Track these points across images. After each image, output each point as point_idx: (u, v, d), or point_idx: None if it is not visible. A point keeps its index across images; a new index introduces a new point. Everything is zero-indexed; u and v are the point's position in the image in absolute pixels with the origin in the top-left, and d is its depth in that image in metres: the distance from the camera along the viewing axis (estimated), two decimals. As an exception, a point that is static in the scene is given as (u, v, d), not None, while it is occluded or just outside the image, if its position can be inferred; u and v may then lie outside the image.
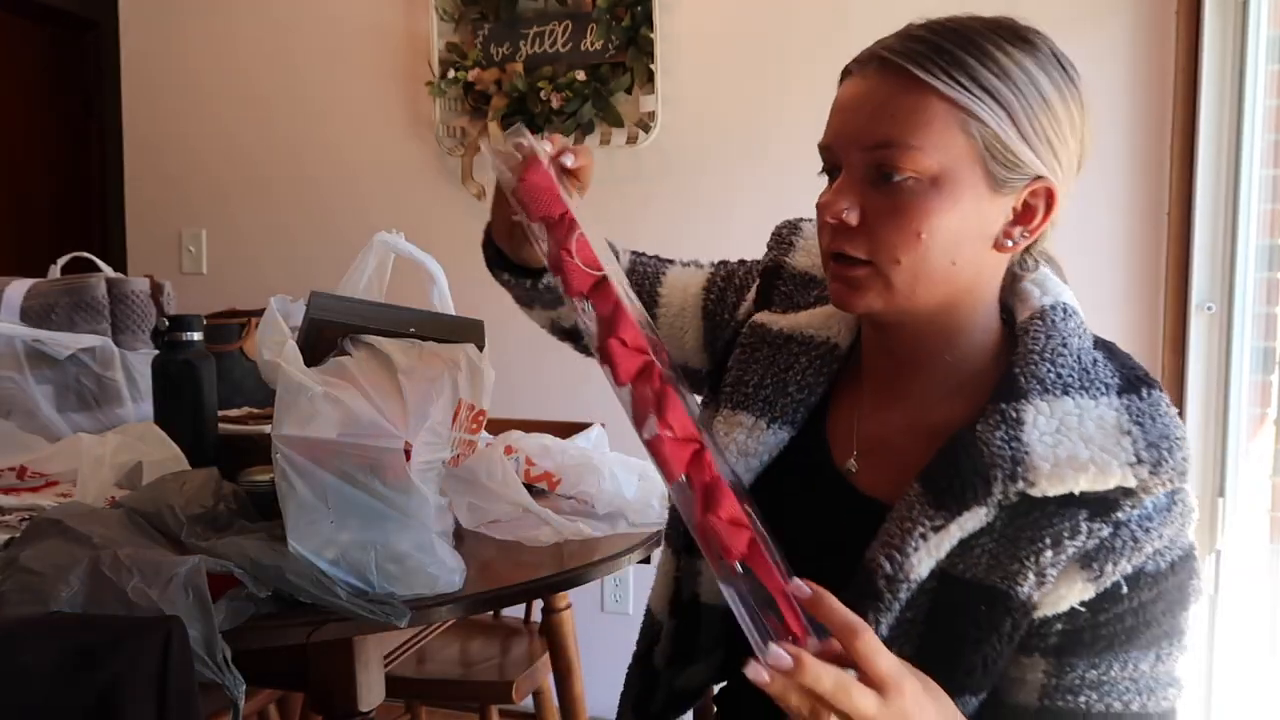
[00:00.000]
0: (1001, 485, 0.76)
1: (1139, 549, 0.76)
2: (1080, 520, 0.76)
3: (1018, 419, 0.77)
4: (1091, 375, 0.80)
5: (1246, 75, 1.97)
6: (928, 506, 0.78)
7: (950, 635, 0.79)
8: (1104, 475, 0.75)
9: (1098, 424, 0.77)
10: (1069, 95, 0.80)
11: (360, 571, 1.00)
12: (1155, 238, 2.09)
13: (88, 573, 0.91)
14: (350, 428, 1.01)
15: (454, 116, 2.57)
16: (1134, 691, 0.80)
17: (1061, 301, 0.85)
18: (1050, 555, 0.76)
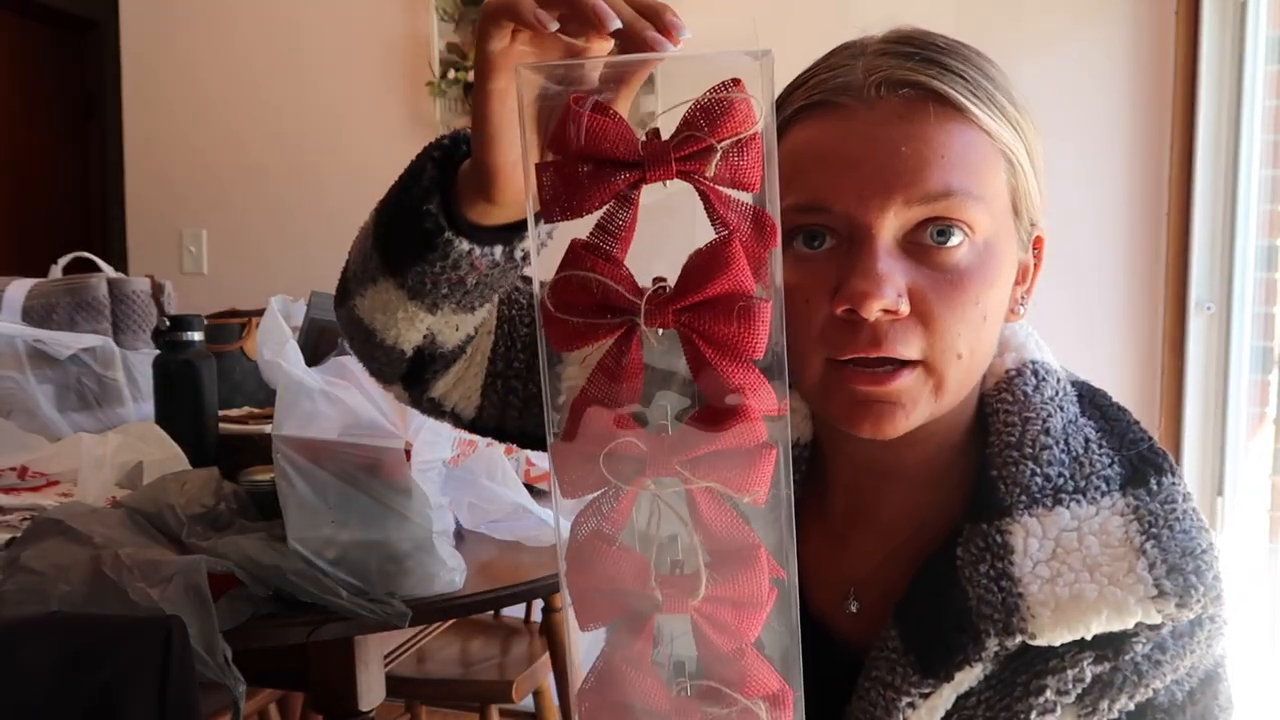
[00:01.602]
0: (996, 640, 0.61)
1: (1144, 684, 0.62)
2: (1085, 665, 0.62)
3: (1004, 545, 0.62)
4: (1086, 468, 0.64)
5: (1245, 75, 1.97)
6: (912, 671, 0.64)
7: None
8: (1119, 615, 0.60)
9: (1102, 543, 0.62)
10: (1035, 136, 0.64)
11: (360, 571, 1.00)
12: (1154, 238, 2.09)
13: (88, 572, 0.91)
14: (351, 428, 1.01)
15: (454, 116, 2.57)
16: None
17: (1031, 361, 0.68)
18: (1057, 711, 0.63)
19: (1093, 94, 2.10)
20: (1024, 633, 0.61)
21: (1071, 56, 2.11)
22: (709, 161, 0.49)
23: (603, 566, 0.46)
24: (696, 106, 0.52)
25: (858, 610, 0.70)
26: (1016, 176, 0.61)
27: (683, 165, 0.50)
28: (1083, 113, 2.10)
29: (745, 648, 0.46)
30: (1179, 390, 2.06)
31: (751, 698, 0.46)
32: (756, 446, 0.45)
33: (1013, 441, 0.65)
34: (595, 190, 0.49)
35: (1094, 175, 2.11)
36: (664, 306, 0.47)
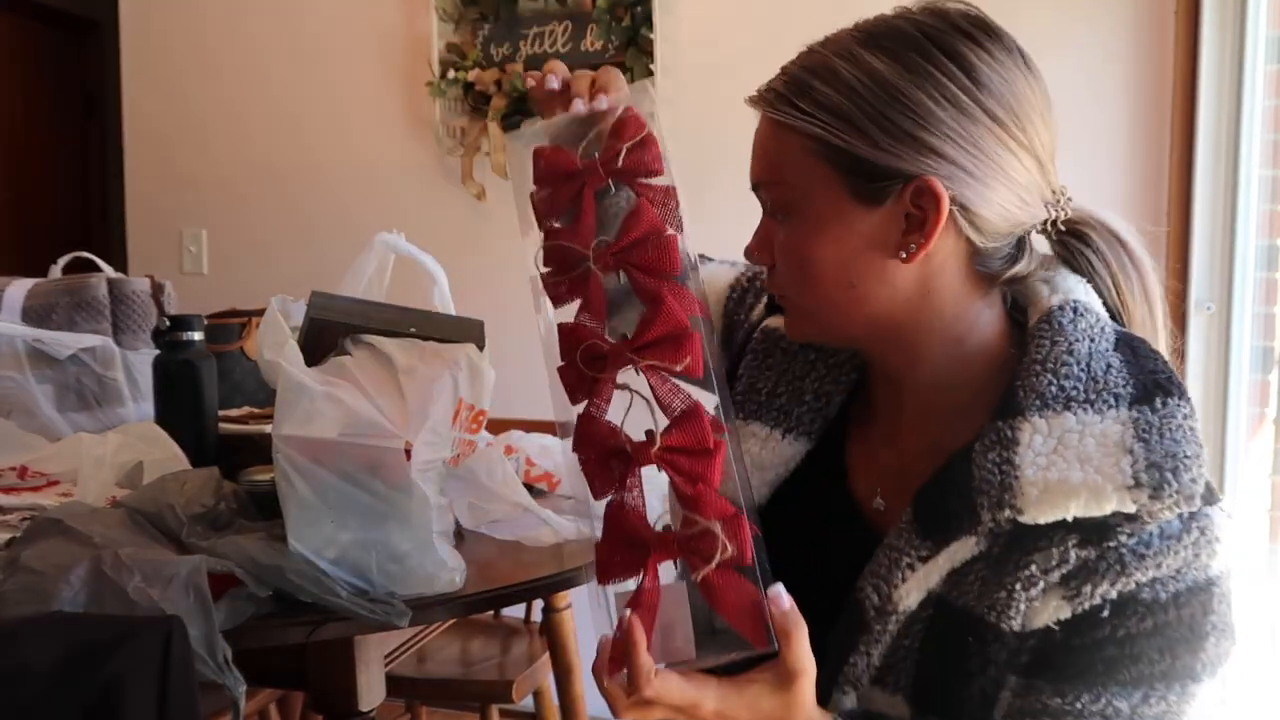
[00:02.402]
0: (990, 513, 0.71)
1: (1126, 574, 0.69)
2: (1070, 547, 0.70)
3: (1013, 439, 0.71)
4: (1101, 384, 0.72)
5: (1245, 75, 1.97)
6: (915, 536, 0.74)
7: (944, 665, 0.74)
8: (1097, 500, 0.68)
9: (1099, 442, 0.70)
10: (944, 79, 0.71)
11: (361, 571, 1.00)
12: (1154, 238, 2.08)
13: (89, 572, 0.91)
14: (351, 428, 1.01)
15: (454, 117, 2.57)
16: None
17: (1072, 300, 0.76)
18: (1041, 586, 0.70)
19: (1092, 94, 2.10)
20: (1013, 508, 0.70)
21: (1071, 56, 2.11)
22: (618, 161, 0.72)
23: (593, 436, 0.68)
24: (608, 128, 0.75)
25: (884, 508, 0.82)
26: (832, 155, 0.73)
27: (607, 169, 0.72)
28: (1082, 113, 2.10)
29: (701, 486, 0.64)
30: (1179, 390, 2.06)
31: (709, 520, 0.63)
32: (682, 331, 0.67)
33: (1039, 358, 0.74)
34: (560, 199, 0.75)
35: (1094, 175, 2.11)
36: (604, 254, 0.71)
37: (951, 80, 0.72)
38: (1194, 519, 0.69)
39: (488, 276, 2.58)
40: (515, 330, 2.54)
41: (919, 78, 0.72)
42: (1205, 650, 0.70)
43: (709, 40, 2.36)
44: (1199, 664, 0.70)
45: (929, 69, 0.72)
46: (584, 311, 0.71)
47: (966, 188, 0.72)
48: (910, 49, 0.73)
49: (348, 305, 1.19)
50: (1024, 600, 0.71)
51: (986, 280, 0.77)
